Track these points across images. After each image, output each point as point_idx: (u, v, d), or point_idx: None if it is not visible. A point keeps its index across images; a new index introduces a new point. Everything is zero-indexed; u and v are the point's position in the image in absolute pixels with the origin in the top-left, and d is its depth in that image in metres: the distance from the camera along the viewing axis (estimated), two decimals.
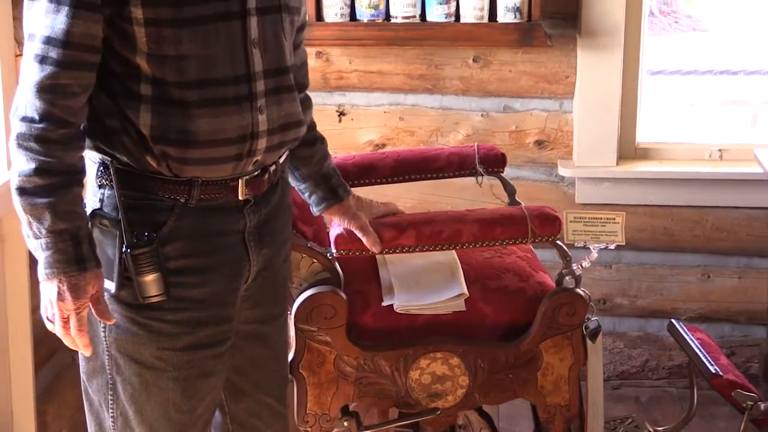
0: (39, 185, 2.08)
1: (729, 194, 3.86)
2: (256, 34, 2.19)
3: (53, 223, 2.08)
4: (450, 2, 3.67)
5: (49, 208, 2.08)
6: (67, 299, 2.11)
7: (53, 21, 2.04)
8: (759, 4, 10.20)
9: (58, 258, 2.10)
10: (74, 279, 2.10)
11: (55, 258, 2.10)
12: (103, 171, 2.21)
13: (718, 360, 2.99)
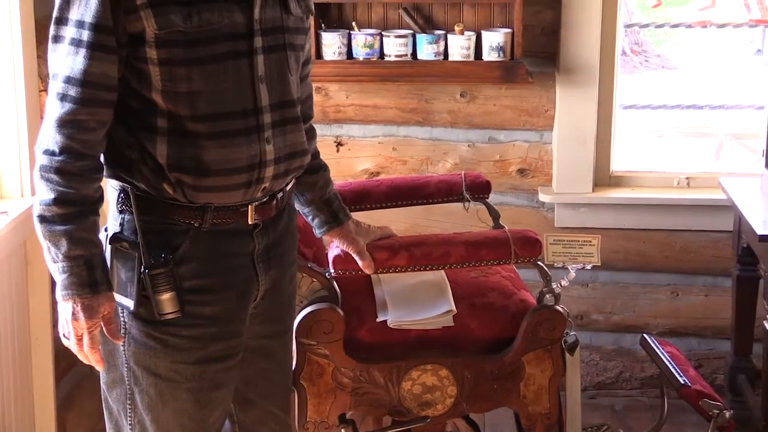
0: (57, 214, 2.09)
1: (696, 219, 3.86)
2: (262, 71, 2.19)
3: (69, 249, 2.10)
4: (439, 42, 3.68)
5: (66, 236, 2.09)
6: (80, 319, 2.12)
7: (73, 62, 2.06)
8: (721, 45, 10.23)
9: (73, 281, 2.11)
10: (87, 301, 2.12)
11: (71, 281, 2.11)
12: (124, 198, 2.20)
13: (687, 372, 2.99)
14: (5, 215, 3.00)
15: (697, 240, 3.89)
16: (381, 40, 3.70)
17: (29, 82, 3.10)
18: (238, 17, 2.15)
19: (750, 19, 4.35)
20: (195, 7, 2.09)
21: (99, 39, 2.05)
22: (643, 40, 10.11)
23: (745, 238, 3.52)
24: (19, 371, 3.11)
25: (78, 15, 2.05)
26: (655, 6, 4.25)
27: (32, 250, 3.11)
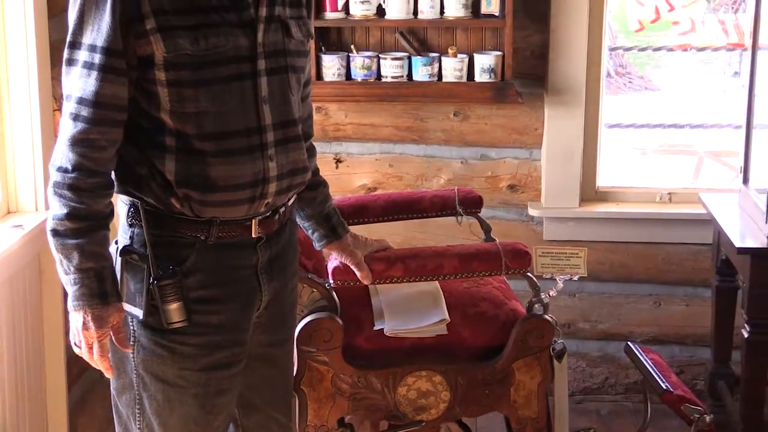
0: (69, 228, 2.10)
1: (677, 232, 3.86)
2: (265, 92, 2.19)
3: (81, 262, 2.10)
4: (433, 64, 3.68)
5: (77, 249, 2.10)
6: (91, 328, 2.13)
7: (85, 83, 2.06)
8: (701, 67, 10.24)
9: (84, 293, 2.11)
10: (98, 311, 2.12)
11: (82, 292, 2.12)
12: (134, 212, 2.21)
13: (669, 378, 2.98)
14: (20, 228, 3.00)
15: (679, 252, 3.89)
16: (378, 62, 3.70)
17: (44, 102, 3.10)
18: (243, 41, 2.16)
19: (728, 43, 4.36)
20: (201, 32, 2.10)
21: (110, 62, 2.06)
22: (626, 63, 10.12)
23: (724, 250, 3.52)
24: (33, 376, 3.11)
25: (90, 39, 2.06)
26: (638, 30, 4.27)
27: (45, 262, 3.11)
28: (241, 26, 2.16)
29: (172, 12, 2.08)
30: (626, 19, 4.60)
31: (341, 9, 3.66)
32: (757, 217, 3.31)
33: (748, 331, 3.22)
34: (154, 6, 2.06)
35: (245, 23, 2.16)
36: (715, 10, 5.43)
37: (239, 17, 2.15)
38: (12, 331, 2.95)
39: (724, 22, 4.37)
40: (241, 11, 2.15)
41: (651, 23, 4.38)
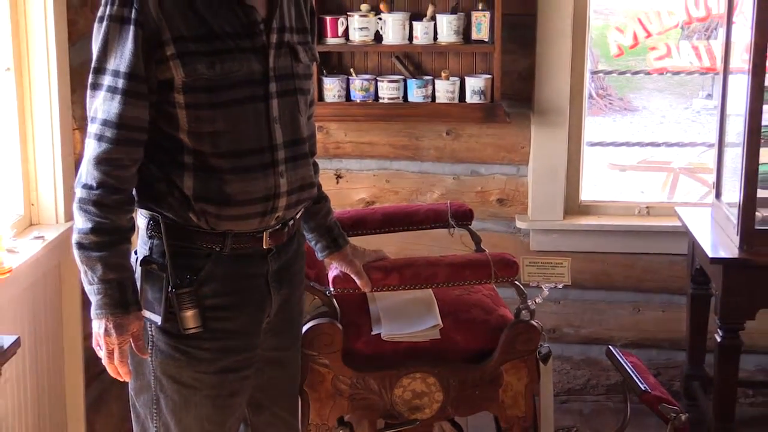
0: (94, 241, 2.10)
1: (655, 243, 3.86)
2: (276, 113, 2.20)
3: (104, 273, 2.11)
4: (427, 86, 3.68)
5: (101, 261, 2.10)
6: (112, 335, 2.13)
7: (109, 106, 2.07)
8: (676, 89, 10.26)
9: (107, 302, 2.12)
10: (119, 319, 2.12)
11: (104, 302, 2.12)
12: (153, 225, 2.21)
13: (647, 379, 2.97)
14: (42, 240, 2.99)
15: (656, 262, 3.89)
16: (376, 84, 3.70)
17: (64, 122, 3.10)
18: (255, 65, 2.17)
19: (701, 67, 4.38)
20: (218, 57, 2.11)
21: (133, 86, 2.07)
22: (607, 85, 10.15)
23: (698, 260, 3.52)
24: (53, 376, 3.10)
25: (114, 65, 2.07)
26: (617, 55, 4.29)
27: (65, 271, 3.11)
28: (254, 52, 2.17)
29: (191, 39, 2.09)
30: (607, 44, 4.61)
31: (341, 35, 3.66)
32: (728, 230, 3.31)
33: (721, 336, 3.23)
34: (173, 34, 2.07)
35: (257, 49, 2.17)
36: (689, 37, 5.45)
37: (252, 43, 2.16)
38: (34, 333, 2.95)
39: (697, 47, 4.37)
40: (253, 38, 2.17)
41: (630, 49, 4.38)
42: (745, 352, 3.31)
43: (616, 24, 5.75)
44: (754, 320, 3.23)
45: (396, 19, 3.63)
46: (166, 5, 2.06)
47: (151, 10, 2.05)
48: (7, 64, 3.01)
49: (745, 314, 3.22)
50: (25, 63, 3.06)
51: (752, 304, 3.22)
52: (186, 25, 2.08)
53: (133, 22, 2.05)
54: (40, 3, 3.01)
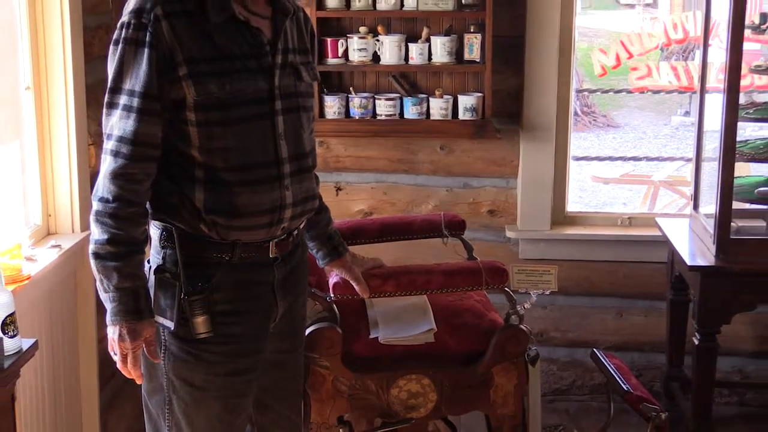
0: (110, 252, 2.09)
1: (636, 252, 3.86)
2: (282, 129, 2.21)
3: (119, 282, 2.10)
4: (422, 104, 3.68)
5: (116, 270, 2.09)
6: (126, 340, 2.12)
7: (125, 124, 2.07)
8: (656, 107, 10.28)
9: (121, 309, 2.11)
10: (132, 325, 2.12)
11: (119, 309, 2.11)
12: (166, 236, 2.20)
13: (629, 380, 2.96)
14: (59, 248, 2.99)
15: (637, 270, 3.88)
16: (374, 102, 3.70)
17: (80, 137, 3.10)
18: (262, 84, 2.17)
19: (679, 87, 4.38)
20: (227, 77, 2.11)
21: (147, 105, 2.06)
22: (591, 103, 10.17)
23: (677, 268, 3.52)
24: (68, 378, 3.09)
25: (130, 85, 2.07)
26: (601, 75, 4.30)
27: (81, 278, 3.10)
28: (261, 72, 2.17)
29: (202, 60, 2.09)
30: (591, 65, 4.62)
31: (341, 55, 3.67)
32: (706, 239, 3.31)
33: (699, 339, 3.23)
34: (185, 55, 2.07)
35: (264, 69, 2.18)
36: (668, 58, 5.47)
37: (259, 64, 2.17)
38: (51, 337, 2.94)
39: (676, 68, 4.38)
40: (260, 59, 2.17)
41: (612, 69, 4.39)
42: (722, 354, 3.30)
43: (600, 45, 5.76)
44: (729, 324, 3.24)
45: (393, 41, 3.64)
46: (178, 29, 2.06)
47: (165, 33, 2.05)
48: (27, 83, 3.02)
49: (721, 319, 3.22)
50: (44, 82, 3.06)
51: (728, 309, 3.22)
52: (197, 47, 2.09)
53: (147, 44, 2.05)
54: (58, 26, 3.02)
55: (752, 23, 3.20)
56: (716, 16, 3.49)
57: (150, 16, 2.05)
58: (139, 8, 2.06)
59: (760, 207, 3.35)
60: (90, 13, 3.16)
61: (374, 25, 3.68)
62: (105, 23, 3.26)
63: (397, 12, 3.62)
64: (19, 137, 3.03)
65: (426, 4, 3.57)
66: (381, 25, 3.68)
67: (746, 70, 3.25)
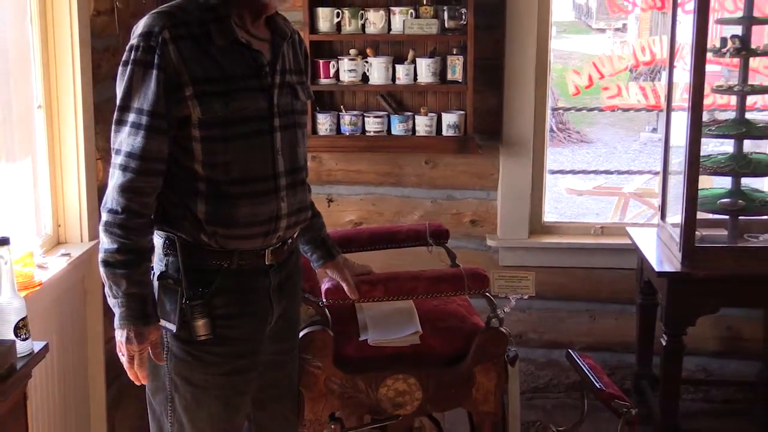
0: (119, 260, 2.09)
1: (608, 259, 3.86)
2: (279, 145, 2.21)
3: (128, 288, 2.10)
4: (408, 121, 3.68)
5: (125, 277, 2.09)
6: (133, 343, 2.12)
7: (134, 141, 2.07)
8: (626, 124, 10.31)
9: (129, 314, 2.11)
10: (140, 329, 2.12)
11: (127, 314, 2.11)
12: (168, 245, 2.20)
13: (602, 379, 2.96)
14: (68, 257, 2.98)
15: (609, 276, 3.89)
16: (363, 119, 3.71)
17: (88, 152, 3.10)
18: (262, 103, 2.17)
19: (647, 105, 4.40)
20: (230, 97, 2.12)
21: (155, 123, 2.06)
22: (566, 120, 10.20)
23: (646, 274, 3.53)
24: (77, 377, 3.08)
25: (138, 104, 2.07)
26: (575, 94, 4.31)
27: (89, 284, 3.10)
28: (261, 91, 2.18)
29: (206, 81, 2.09)
30: (566, 84, 4.62)
31: (333, 76, 3.67)
32: (672, 247, 3.32)
33: (666, 340, 3.23)
34: (191, 76, 2.07)
35: (264, 88, 2.18)
36: (637, 78, 5.48)
37: (259, 84, 2.17)
38: (61, 339, 2.93)
39: (644, 88, 4.39)
40: (260, 79, 2.17)
41: (585, 88, 4.39)
42: (687, 354, 3.31)
43: (574, 67, 5.77)
44: (694, 326, 3.24)
45: (381, 62, 3.64)
46: (185, 51, 2.06)
47: (172, 55, 2.05)
48: (39, 103, 3.02)
49: (687, 321, 3.23)
50: (54, 101, 3.06)
51: (693, 312, 3.23)
52: (202, 69, 2.09)
53: (155, 66, 2.05)
54: (68, 49, 3.02)
55: (714, 47, 3.21)
56: (681, 40, 3.51)
57: (158, 40, 2.05)
58: (147, 32, 2.06)
59: (722, 217, 3.36)
60: (98, 36, 3.16)
61: (363, 47, 3.69)
62: (112, 46, 3.26)
63: (384, 36, 3.63)
64: (31, 153, 3.03)
65: (411, 28, 3.58)
66: (370, 48, 3.68)
67: (708, 90, 3.26)
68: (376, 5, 3.64)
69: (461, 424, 3.15)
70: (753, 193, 3.37)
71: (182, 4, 2.14)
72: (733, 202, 3.29)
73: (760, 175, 3.38)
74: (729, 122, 3.31)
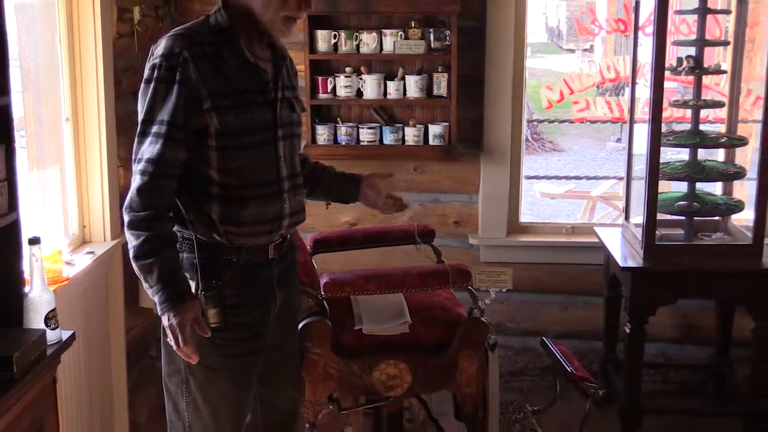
0: (146, 250, 2.06)
1: (578, 256, 3.87)
2: (282, 152, 2.24)
3: (160, 275, 2.07)
4: (398, 132, 3.69)
5: (155, 265, 2.06)
6: (174, 324, 2.07)
7: (153, 148, 2.07)
8: (594, 134, 10.32)
9: (166, 297, 2.07)
10: (177, 308, 2.07)
11: (164, 298, 2.07)
12: (185, 243, 2.20)
13: (572, 363, 2.97)
14: (93, 254, 2.98)
15: (579, 271, 3.89)
16: (357, 130, 3.71)
17: (111, 160, 3.10)
18: (268, 116, 2.20)
19: (612, 117, 4.41)
20: (242, 110, 2.13)
21: (173, 132, 2.07)
22: (540, 131, 10.21)
23: (612, 269, 3.54)
24: (101, 364, 3.08)
25: (160, 116, 2.07)
26: (548, 108, 4.32)
27: (111, 280, 3.10)
28: (266, 105, 2.20)
29: (221, 95, 2.11)
30: (539, 99, 4.63)
31: (330, 91, 3.68)
32: (635, 245, 3.33)
33: (629, 328, 3.24)
34: (209, 91, 2.09)
35: (269, 102, 2.20)
36: (603, 94, 5.49)
37: (265, 98, 2.20)
38: (86, 329, 2.93)
39: (609, 102, 4.40)
40: (265, 94, 2.20)
41: (557, 103, 4.40)
42: (648, 340, 3.31)
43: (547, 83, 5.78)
44: (654, 315, 3.25)
45: (373, 79, 3.64)
46: (202, 69, 2.08)
47: (192, 73, 2.07)
48: (66, 116, 3.02)
49: (648, 311, 3.23)
50: (80, 115, 3.06)
51: (654, 303, 3.24)
52: (217, 85, 2.10)
53: (177, 82, 2.06)
54: (92, 67, 3.02)
55: (671, 66, 3.23)
56: (642, 59, 3.52)
57: (179, 59, 2.06)
58: (169, 52, 2.07)
59: (679, 218, 3.37)
60: (119, 57, 3.16)
61: (358, 66, 3.69)
62: (131, 65, 3.26)
63: (377, 55, 3.63)
64: (60, 161, 3.03)
65: (401, 48, 3.58)
66: (363, 66, 3.68)
67: (666, 105, 3.27)
68: (369, 28, 3.64)
69: (446, 404, 3.16)
70: (706, 196, 3.38)
71: (196, 27, 2.15)
72: (689, 204, 3.30)
73: (713, 180, 3.39)
74: (685, 133, 3.32)
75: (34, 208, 2.86)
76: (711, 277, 3.22)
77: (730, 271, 3.18)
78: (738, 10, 3.38)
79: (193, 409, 2.28)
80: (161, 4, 3.55)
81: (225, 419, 2.29)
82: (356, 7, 3.54)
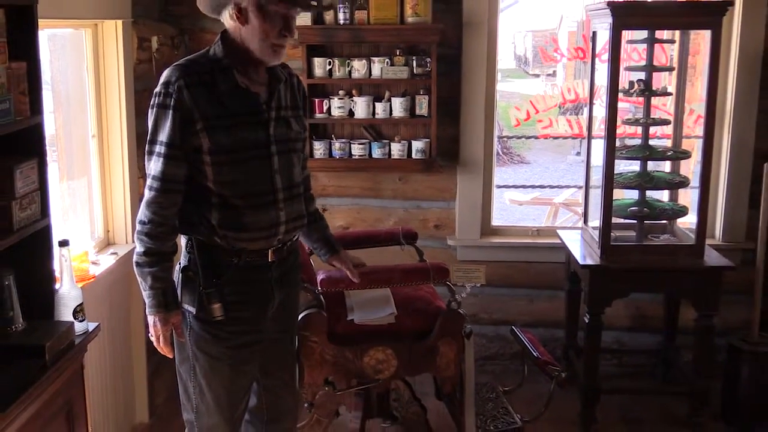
0: (145, 261, 2.12)
1: (543, 255, 3.87)
2: (277, 166, 2.20)
3: (152, 283, 2.12)
4: (385, 147, 3.68)
5: (150, 274, 2.11)
6: (158, 326, 2.16)
7: (156, 166, 2.09)
8: (556, 149, 10.35)
9: (155, 303, 2.14)
10: (162, 315, 2.15)
11: (153, 303, 2.14)
12: (190, 244, 2.20)
13: (538, 349, 2.98)
14: (116, 255, 2.97)
15: (544, 268, 3.90)
16: (350, 145, 3.70)
17: (132, 172, 3.09)
18: (261, 134, 2.17)
19: (572, 134, 4.43)
20: (234, 129, 2.12)
21: (172, 152, 2.08)
22: (509, 146, 10.24)
23: (572, 266, 3.54)
24: (124, 354, 3.06)
25: (161, 138, 2.09)
26: (516, 125, 4.34)
27: (133, 278, 3.03)
28: (259, 124, 2.18)
29: (213, 117, 2.10)
30: (509, 118, 4.64)
31: (325, 111, 3.67)
32: (593, 245, 3.34)
33: (588, 318, 3.25)
34: (201, 114, 2.09)
35: (261, 122, 2.18)
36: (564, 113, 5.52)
37: (258, 118, 2.17)
38: (111, 322, 2.92)
39: (570, 120, 4.41)
40: (258, 114, 2.18)
41: (524, 121, 4.41)
42: (605, 329, 3.32)
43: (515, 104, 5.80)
44: (610, 307, 3.26)
45: (363, 101, 3.64)
46: (196, 95, 2.08)
47: (186, 99, 2.07)
48: (93, 132, 3.01)
49: (605, 303, 3.24)
50: (105, 131, 3.05)
51: (609, 296, 3.25)
52: (210, 108, 2.09)
53: (172, 108, 2.07)
54: (115, 90, 3.01)
55: (623, 88, 3.24)
56: (599, 82, 3.53)
57: (175, 87, 2.07)
58: (167, 81, 2.09)
59: (632, 221, 3.38)
60: (139, 80, 3.15)
61: (350, 89, 3.69)
62: (150, 87, 3.22)
63: (366, 80, 3.63)
64: (87, 173, 3.01)
65: (387, 73, 3.58)
66: (355, 89, 3.68)
67: (620, 122, 3.29)
68: (360, 56, 3.64)
69: (428, 385, 3.16)
70: (655, 202, 3.40)
71: (197, 58, 2.17)
72: (640, 209, 3.31)
73: (661, 189, 3.41)
74: (636, 147, 3.33)
75: (64, 215, 2.85)
76: (659, 273, 3.23)
77: (676, 268, 3.20)
78: (681, 40, 3.40)
79: (199, 392, 2.28)
80: (176, 35, 3.55)
81: (225, 402, 2.29)
82: (348, 37, 3.54)
